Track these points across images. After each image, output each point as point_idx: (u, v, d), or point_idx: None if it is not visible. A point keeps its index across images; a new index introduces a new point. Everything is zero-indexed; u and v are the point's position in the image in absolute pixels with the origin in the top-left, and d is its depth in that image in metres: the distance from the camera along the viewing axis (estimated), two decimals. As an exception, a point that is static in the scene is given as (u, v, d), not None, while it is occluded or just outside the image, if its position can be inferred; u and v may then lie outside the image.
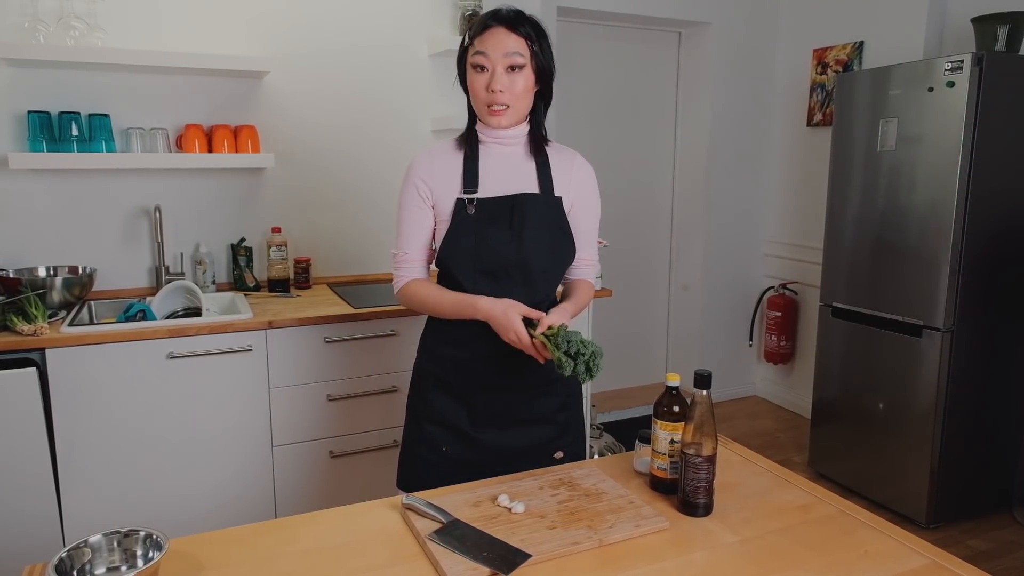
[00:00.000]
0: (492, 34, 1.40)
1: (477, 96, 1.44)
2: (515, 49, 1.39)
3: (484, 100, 1.42)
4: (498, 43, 1.39)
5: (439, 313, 1.49)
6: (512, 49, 1.39)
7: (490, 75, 1.40)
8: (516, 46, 1.39)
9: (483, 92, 1.42)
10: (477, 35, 1.42)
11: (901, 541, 1.13)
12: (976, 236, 2.63)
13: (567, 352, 1.29)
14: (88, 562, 0.99)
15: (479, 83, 1.42)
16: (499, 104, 1.41)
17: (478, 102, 1.44)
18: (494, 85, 1.40)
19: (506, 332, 1.37)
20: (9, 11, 2.31)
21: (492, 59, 1.39)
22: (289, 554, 1.08)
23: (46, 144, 2.33)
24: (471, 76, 1.43)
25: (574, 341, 1.29)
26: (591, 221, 1.58)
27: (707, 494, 1.19)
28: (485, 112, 1.44)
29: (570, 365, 1.29)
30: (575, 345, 1.29)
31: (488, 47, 1.39)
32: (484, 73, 1.41)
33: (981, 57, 2.50)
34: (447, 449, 1.51)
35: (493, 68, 1.40)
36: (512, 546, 1.07)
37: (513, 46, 1.39)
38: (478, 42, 1.41)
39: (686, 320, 4.22)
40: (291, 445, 2.31)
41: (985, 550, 2.63)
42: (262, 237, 2.75)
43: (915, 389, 2.76)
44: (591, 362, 1.30)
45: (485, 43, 1.40)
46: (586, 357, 1.29)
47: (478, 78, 1.42)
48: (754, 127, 4.05)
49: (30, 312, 2.03)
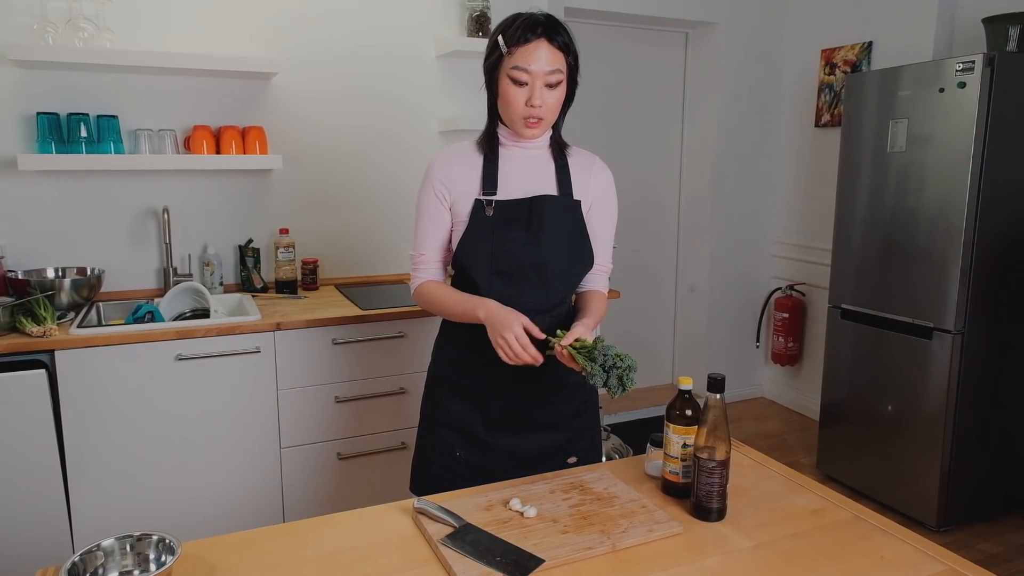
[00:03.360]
0: (535, 48, 1.37)
1: (512, 107, 1.41)
2: (557, 67, 1.39)
3: (522, 113, 1.41)
4: (541, 59, 1.37)
5: (448, 313, 1.49)
6: (554, 67, 1.38)
7: (530, 90, 1.39)
8: (557, 63, 1.39)
9: (520, 106, 1.40)
10: (517, 44, 1.38)
11: (917, 546, 1.12)
12: (987, 238, 2.61)
13: (602, 365, 1.27)
14: (101, 566, 0.99)
15: (518, 97, 1.40)
16: (536, 117, 1.41)
17: (513, 114, 1.42)
18: (534, 101, 1.38)
19: (504, 328, 1.32)
20: (18, 13, 2.31)
21: (533, 74, 1.38)
22: (300, 558, 1.07)
23: (55, 145, 2.33)
24: (508, 87, 1.40)
25: (610, 355, 1.28)
26: (608, 226, 1.56)
27: (720, 498, 1.18)
28: (520, 124, 1.42)
29: (603, 377, 1.28)
30: (611, 359, 1.28)
31: (530, 62, 1.37)
32: (523, 88, 1.39)
33: (993, 57, 2.49)
34: (461, 454, 1.51)
35: (533, 84, 1.38)
36: (525, 551, 1.07)
37: (555, 63, 1.38)
38: (519, 55, 1.37)
39: (693, 321, 4.20)
40: (299, 447, 2.31)
41: (996, 554, 2.61)
42: (270, 238, 2.75)
43: (925, 392, 2.74)
44: (625, 375, 1.28)
45: (528, 59, 1.37)
46: (620, 371, 1.28)
47: (517, 91, 1.40)
48: (762, 128, 4.04)
49: (39, 313, 2.03)
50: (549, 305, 1.47)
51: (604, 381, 1.28)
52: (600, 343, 1.30)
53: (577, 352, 1.31)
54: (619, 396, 1.28)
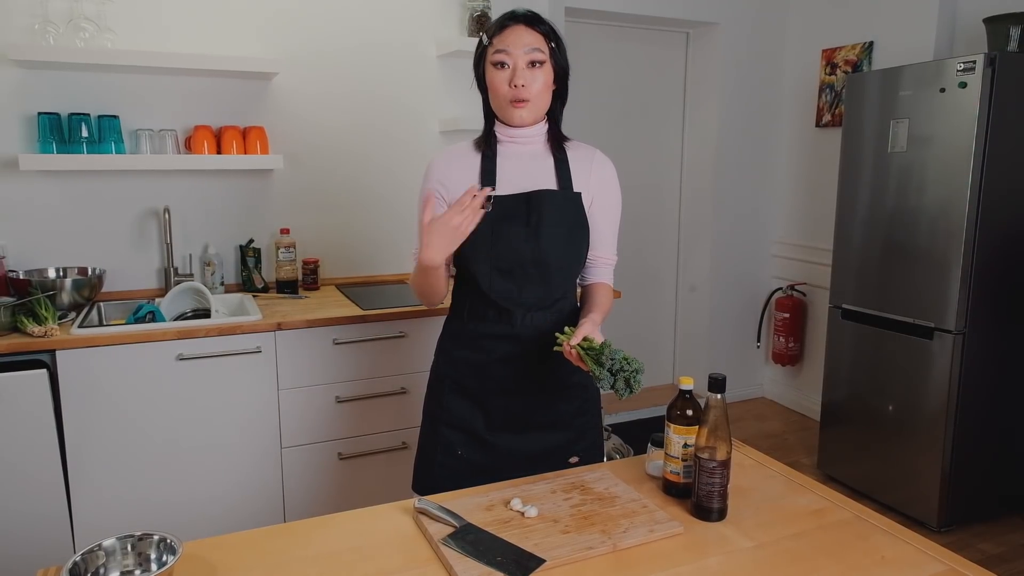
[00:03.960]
0: (512, 31, 1.41)
1: (498, 93, 1.43)
2: (535, 45, 1.40)
3: (506, 96, 1.42)
4: (518, 39, 1.40)
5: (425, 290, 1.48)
6: (533, 45, 1.40)
7: (512, 71, 1.41)
8: (536, 42, 1.41)
9: (505, 88, 1.42)
10: (496, 34, 1.42)
11: (918, 547, 1.12)
12: (988, 238, 2.61)
13: (610, 369, 1.27)
14: (102, 565, 0.99)
15: (501, 79, 1.42)
16: (521, 99, 1.41)
17: (499, 99, 1.44)
18: (516, 80, 1.40)
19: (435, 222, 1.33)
20: (19, 13, 2.31)
21: (513, 55, 1.40)
22: (301, 558, 1.07)
23: (56, 146, 2.34)
24: (492, 74, 1.43)
25: (617, 359, 1.28)
26: (611, 218, 1.56)
27: (721, 499, 1.18)
28: (508, 108, 1.43)
29: (610, 380, 1.28)
30: (619, 363, 1.28)
31: (508, 44, 1.40)
32: (505, 70, 1.41)
33: (994, 57, 2.49)
34: (462, 453, 1.51)
35: (514, 64, 1.40)
36: (526, 551, 1.07)
37: (533, 41, 1.40)
38: (497, 40, 1.41)
39: (694, 321, 4.20)
40: (300, 447, 2.31)
41: (997, 554, 2.61)
42: (270, 238, 2.76)
43: (926, 392, 2.74)
44: (632, 378, 1.28)
45: (505, 40, 1.40)
46: (627, 373, 1.28)
47: (499, 75, 1.42)
48: (762, 128, 4.03)
49: (40, 313, 2.04)
50: (550, 300, 1.47)
51: (612, 384, 1.28)
52: (608, 348, 1.30)
53: (585, 353, 1.31)
54: (626, 397, 1.28)
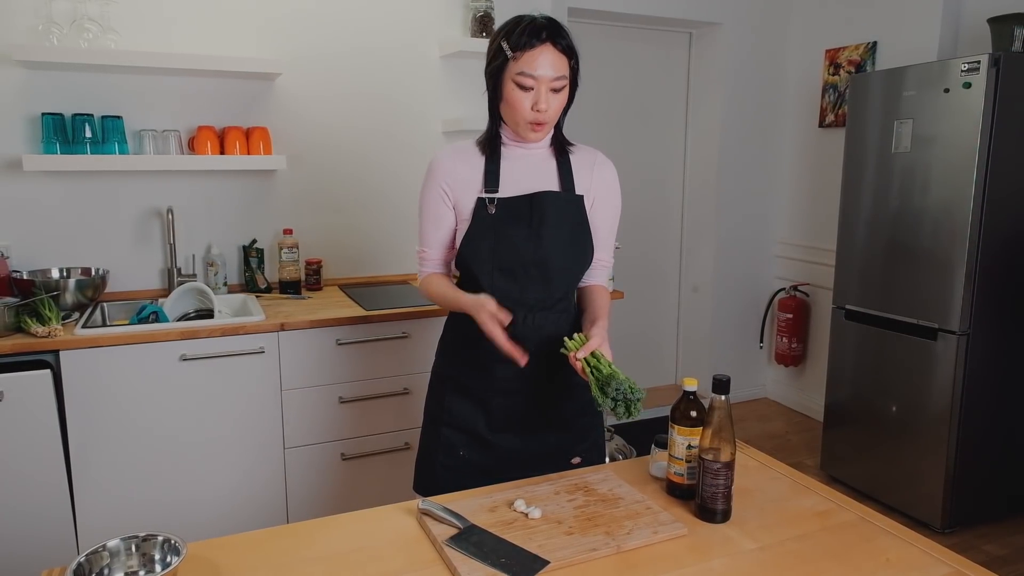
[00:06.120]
0: (540, 54, 1.37)
1: (517, 110, 1.41)
2: (562, 72, 1.40)
3: (527, 118, 1.41)
4: (546, 65, 1.37)
5: (443, 303, 1.52)
6: (559, 72, 1.39)
7: (536, 95, 1.39)
8: (562, 68, 1.39)
9: (526, 110, 1.41)
10: (521, 49, 1.37)
11: (923, 548, 1.12)
12: (992, 238, 2.61)
13: (613, 398, 1.28)
14: (106, 566, 0.99)
15: (523, 101, 1.40)
16: (542, 121, 1.41)
17: (519, 118, 1.42)
18: (540, 105, 1.39)
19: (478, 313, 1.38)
20: (23, 13, 2.32)
21: (539, 80, 1.38)
22: (305, 559, 1.07)
23: (60, 146, 2.34)
24: (513, 92, 1.40)
25: (622, 389, 1.28)
26: (610, 220, 1.57)
27: (725, 500, 1.18)
28: (526, 128, 1.43)
29: (610, 404, 1.29)
30: (623, 392, 1.28)
31: (536, 68, 1.37)
32: (529, 92, 1.40)
33: (999, 58, 2.48)
34: (464, 454, 1.51)
35: (539, 89, 1.39)
36: (530, 552, 1.07)
37: (560, 68, 1.39)
38: (524, 61, 1.37)
39: (696, 322, 4.20)
40: (303, 447, 2.31)
41: (1001, 555, 2.61)
42: (273, 239, 2.76)
43: (929, 393, 2.73)
44: (633, 406, 1.28)
45: (533, 63, 1.37)
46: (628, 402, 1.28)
47: (522, 96, 1.40)
48: (765, 128, 4.03)
49: (44, 314, 2.04)
50: (551, 301, 1.47)
51: (612, 407, 1.29)
52: (615, 379, 1.29)
53: (591, 373, 1.32)
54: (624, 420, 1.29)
